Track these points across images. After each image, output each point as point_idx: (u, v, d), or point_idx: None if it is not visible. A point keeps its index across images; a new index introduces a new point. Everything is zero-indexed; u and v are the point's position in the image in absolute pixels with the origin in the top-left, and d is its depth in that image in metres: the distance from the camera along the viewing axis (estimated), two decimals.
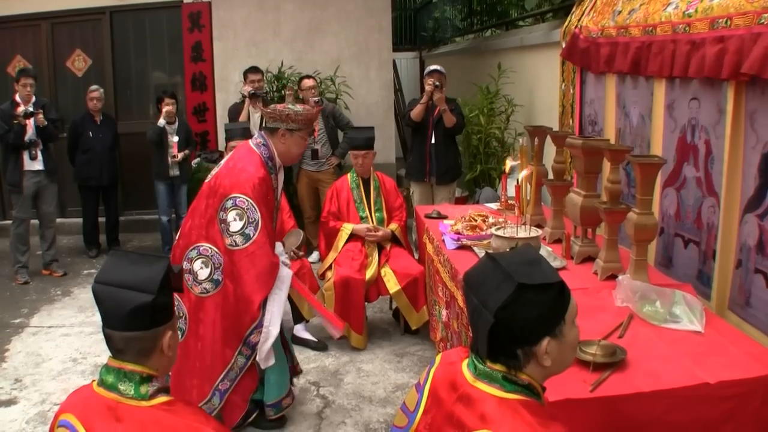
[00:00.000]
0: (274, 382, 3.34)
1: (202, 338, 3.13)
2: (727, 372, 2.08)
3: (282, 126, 3.11)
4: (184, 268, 3.11)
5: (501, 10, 8.56)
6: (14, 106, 5.69)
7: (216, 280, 3.08)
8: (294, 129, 3.12)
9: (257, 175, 3.05)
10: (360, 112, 7.01)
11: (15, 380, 4.05)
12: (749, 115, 2.58)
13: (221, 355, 3.14)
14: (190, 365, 3.16)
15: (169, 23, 7.36)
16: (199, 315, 3.12)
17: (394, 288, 4.29)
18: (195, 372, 3.16)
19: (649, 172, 2.69)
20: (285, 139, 3.14)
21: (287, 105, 3.21)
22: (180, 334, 3.15)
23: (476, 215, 3.87)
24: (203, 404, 3.16)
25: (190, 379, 3.17)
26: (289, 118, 3.10)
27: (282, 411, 3.42)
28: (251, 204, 3.01)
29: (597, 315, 2.57)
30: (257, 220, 3.02)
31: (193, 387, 3.17)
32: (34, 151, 5.74)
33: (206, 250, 3.08)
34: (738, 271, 2.69)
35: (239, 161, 3.10)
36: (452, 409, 1.46)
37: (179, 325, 3.15)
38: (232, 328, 3.12)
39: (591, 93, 4.13)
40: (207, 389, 3.17)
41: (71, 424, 1.53)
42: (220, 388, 3.17)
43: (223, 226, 3.04)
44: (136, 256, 1.67)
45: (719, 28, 2.61)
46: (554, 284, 1.41)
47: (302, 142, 3.21)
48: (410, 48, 12.22)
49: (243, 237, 3.02)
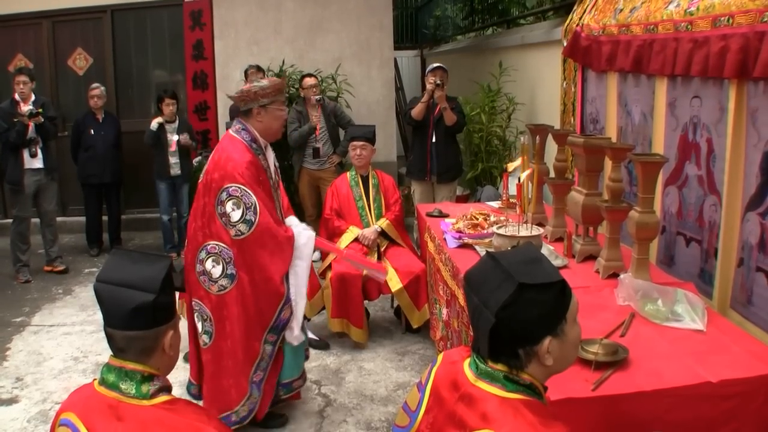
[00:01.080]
0: (288, 363, 3.36)
1: (231, 335, 3.14)
2: (729, 371, 2.08)
3: (254, 105, 3.10)
4: (197, 270, 3.11)
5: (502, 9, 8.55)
6: (14, 105, 5.71)
7: (230, 274, 3.09)
8: (266, 103, 3.11)
9: (244, 160, 3.05)
10: (361, 110, 7.01)
11: (16, 379, 4.06)
12: (751, 113, 2.57)
13: (250, 348, 3.16)
14: (224, 366, 3.18)
15: (171, 21, 7.37)
16: (222, 313, 3.13)
17: (396, 286, 4.29)
18: (230, 371, 3.18)
19: (651, 170, 2.69)
20: (261, 117, 3.13)
21: (252, 83, 3.17)
22: (208, 336, 3.17)
23: (478, 214, 3.87)
24: (245, 401, 3.20)
25: (227, 379, 3.19)
26: (258, 95, 3.08)
27: (292, 392, 3.45)
28: (244, 190, 3.01)
29: (599, 314, 2.56)
30: (254, 203, 3.02)
31: (231, 387, 3.19)
32: (34, 149, 5.75)
33: (214, 247, 3.08)
34: (740, 269, 2.69)
35: (223, 152, 3.10)
36: (454, 409, 1.45)
37: (206, 328, 3.16)
38: (254, 320, 3.14)
39: (592, 91, 4.12)
40: (245, 385, 3.19)
41: (72, 422, 1.53)
42: (254, 380, 3.21)
43: (224, 219, 3.04)
44: (138, 255, 1.67)
45: (721, 26, 2.60)
46: (555, 283, 1.40)
47: (279, 113, 3.19)
48: (411, 46, 12.22)
49: (246, 224, 3.02)
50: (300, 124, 5.92)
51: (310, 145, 6.00)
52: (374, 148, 4.75)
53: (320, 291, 4.36)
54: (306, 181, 6.15)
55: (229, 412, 3.21)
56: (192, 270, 3.15)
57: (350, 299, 4.31)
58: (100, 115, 6.47)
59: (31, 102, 5.74)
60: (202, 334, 3.20)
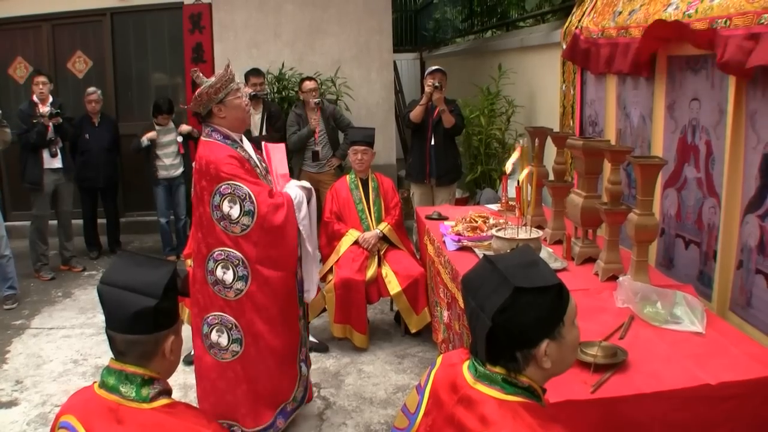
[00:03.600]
0: None
1: (261, 335, 3.13)
2: (728, 373, 2.08)
3: (211, 104, 3.05)
4: (209, 281, 3.09)
5: (501, 11, 8.55)
6: (33, 107, 5.82)
7: (243, 276, 3.06)
8: (222, 98, 3.05)
9: (223, 155, 3.01)
10: (360, 113, 7.02)
11: (16, 382, 4.05)
12: (750, 116, 2.58)
13: (293, 331, 3.22)
14: (266, 366, 3.17)
15: (170, 25, 7.37)
16: (247, 315, 3.10)
17: (395, 289, 4.29)
18: (274, 370, 3.19)
19: (650, 172, 2.69)
20: (223, 112, 3.08)
21: (200, 86, 3.07)
22: (238, 344, 3.13)
23: (477, 216, 3.87)
24: (298, 384, 3.28)
25: (272, 378, 3.19)
26: (210, 94, 3.02)
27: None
28: (233, 184, 2.99)
29: (598, 316, 2.57)
30: (247, 193, 3.00)
31: (282, 380, 3.23)
32: (54, 149, 5.87)
33: (219, 254, 3.06)
34: (739, 271, 2.69)
35: (202, 158, 3.06)
36: (453, 411, 1.46)
37: (233, 336, 3.12)
38: (286, 304, 3.17)
39: (591, 94, 4.13)
40: (294, 369, 3.27)
41: (72, 425, 1.53)
42: (302, 358, 3.30)
43: (224, 223, 3.02)
44: (142, 258, 1.67)
45: (719, 28, 2.61)
46: (552, 287, 1.40)
47: (238, 101, 3.12)
48: (411, 49, 12.22)
49: (248, 216, 3.01)
50: (299, 127, 5.92)
51: (309, 148, 6.00)
52: (374, 152, 4.75)
53: (320, 293, 4.36)
54: None
55: (284, 403, 3.24)
56: (205, 284, 3.10)
57: (354, 305, 4.29)
58: (96, 119, 6.48)
59: (48, 103, 5.84)
60: (231, 345, 3.12)
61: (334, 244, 4.56)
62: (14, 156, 6.29)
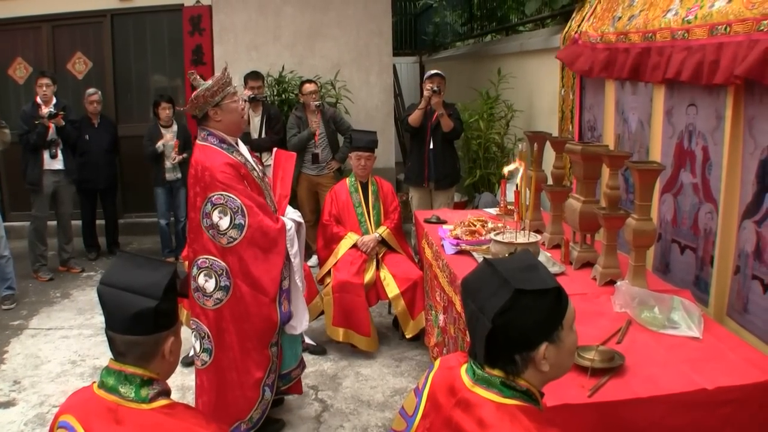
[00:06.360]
0: (286, 354, 3.36)
1: (231, 347, 3.11)
2: (725, 378, 2.09)
3: (207, 107, 3.04)
4: (192, 287, 3.08)
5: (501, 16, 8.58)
6: (36, 108, 5.83)
7: (224, 286, 3.05)
8: (218, 101, 3.03)
9: (220, 163, 3.00)
10: (360, 116, 7.02)
11: (14, 382, 4.05)
12: (748, 122, 2.59)
13: (262, 355, 3.14)
14: (229, 379, 3.14)
15: (170, 27, 7.38)
16: (221, 326, 3.09)
17: (393, 292, 4.29)
18: (235, 383, 3.14)
19: (648, 178, 2.70)
20: (219, 116, 3.06)
21: (196, 89, 3.07)
22: (208, 354, 3.12)
23: (475, 220, 3.88)
24: (257, 406, 3.17)
25: (232, 391, 3.15)
26: (207, 97, 3.01)
27: (291, 382, 3.44)
28: (227, 196, 2.97)
29: (595, 320, 2.57)
30: (240, 206, 2.98)
31: (239, 398, 3.16)
32: (54, 150, 5.88)
33: (204, 261, 3.05)
34: (736, 277, 2.70)
35: (198, 163, 3.05)
36: (450, 414, 1.46)
37: (205, 345, 3.11)
38: (261, 327, 3.11)
39: (590, 99, 4.14)
40: (255, 391, 3.16)
41: (71, 425, 1.54)
42: (267, 383, 3.19)
43: (212, 231, 3.01)
44: (142, 259, 1.67)
45: (718, 34, 2.62)
46: (551, 290, 1.41)
47: (234, 105, 3.10)
48: (410, 53, 12.24)
49: (237, 229, 2.99)
50: (299, 129, 5.93)
51: (309, 151, 6.02)
52: (375, 156, 4.76)
53: (318, 296, 4.36)
54: (304, 187, 6.16)
55: (239, 422, 3.17)
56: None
57: (354, 308, 4.28)
58: (96, 120, 6.48)
59: (52, 105, 5.85)
60: (200, 354, 3.14)
61: (332, 247, 4.55)
62: (14, 157, 6.30)
